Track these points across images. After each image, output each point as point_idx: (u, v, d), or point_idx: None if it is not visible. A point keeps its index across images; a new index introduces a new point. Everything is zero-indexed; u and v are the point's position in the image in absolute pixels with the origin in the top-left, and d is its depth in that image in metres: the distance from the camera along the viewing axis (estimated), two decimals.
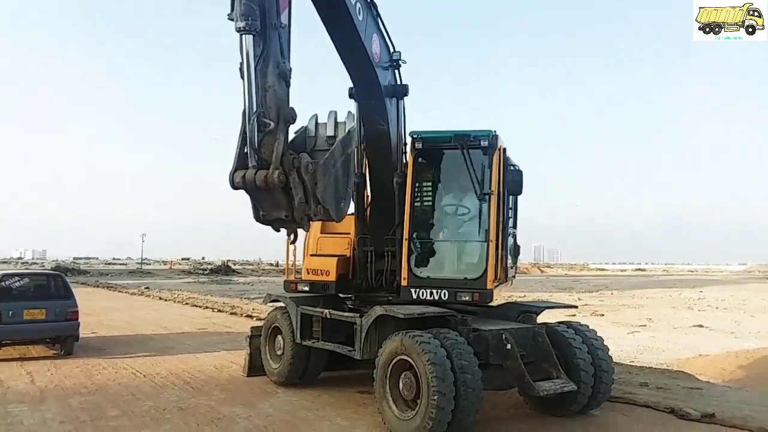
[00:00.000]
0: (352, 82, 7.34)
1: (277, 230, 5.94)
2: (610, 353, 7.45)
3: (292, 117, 5.52)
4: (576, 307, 9.27)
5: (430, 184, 7.87)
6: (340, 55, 6.82)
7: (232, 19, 5.27)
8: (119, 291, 35.18)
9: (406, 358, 6.45)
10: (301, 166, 5.41)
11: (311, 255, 8.60)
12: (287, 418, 7.24)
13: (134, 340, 13.98)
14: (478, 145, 7.13)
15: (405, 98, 7.93)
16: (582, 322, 7.87)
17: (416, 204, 7.63)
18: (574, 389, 6.81)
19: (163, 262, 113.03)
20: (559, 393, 6.83)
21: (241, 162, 5.50)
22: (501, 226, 7.44)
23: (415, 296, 7.23)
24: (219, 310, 21.57)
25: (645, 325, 20.95)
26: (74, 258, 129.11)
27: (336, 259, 8.22)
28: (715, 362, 13.36)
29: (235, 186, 5.51)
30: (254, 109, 5.33)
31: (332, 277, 8.11)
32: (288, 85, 5.57)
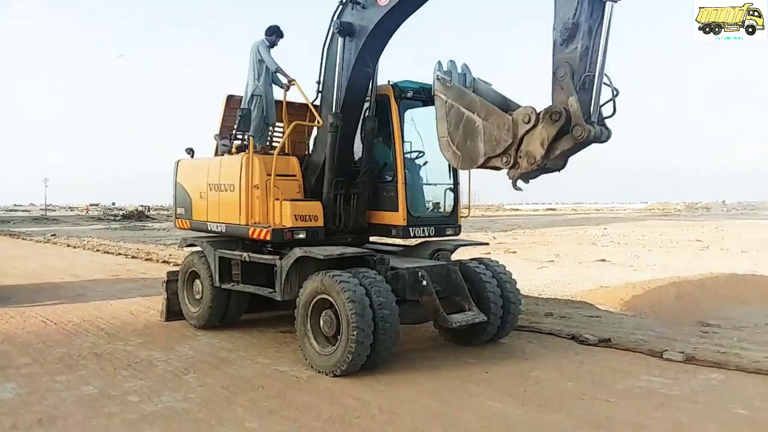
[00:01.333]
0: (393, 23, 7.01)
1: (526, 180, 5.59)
2: (517, 286, 7.90)
3: None
4: (487, 244, 9.71)
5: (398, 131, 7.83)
6: None
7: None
8: (23, 239, 33.19)
9: (326, 296, 6.60)
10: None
11: (292, 200, 7.62)
12: (208, 359, 7.28)
13: (42, 288, 13.37)
14: None
15: None
16: (492, 259, 8.25)
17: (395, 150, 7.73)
18: (484, 320, 7.22)
19: (69, 208, 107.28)
20: (471, 324, 7.24)
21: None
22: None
23: (412, 234, 7.78)
24: (133, 257, 20.87)
25: (553, 261, 22.18)
26: None
27: (319, 203, 7.69)
28: (614, 293, 14.37)
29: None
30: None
31: (321, 223, 7.60)
32: None
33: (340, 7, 7.29)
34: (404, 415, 5.34)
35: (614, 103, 5.14)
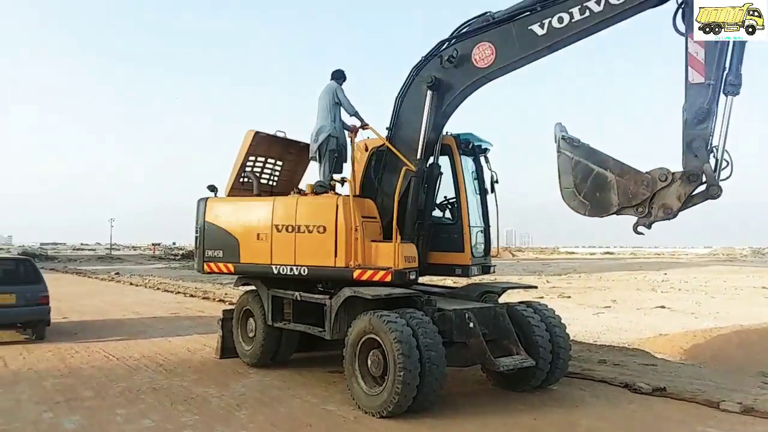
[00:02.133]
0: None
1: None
2: (567, 331, 7.82)
3: None
4: (536, 287, 9.64)
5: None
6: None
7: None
8: (89, 277, 34.79)
9: (374, 336, 6.74)
10: None
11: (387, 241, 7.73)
12: (259, 396, 7.48)
13: (106, 324, 14.01)
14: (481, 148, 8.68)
15: None
16: (541, 302, 8.22)
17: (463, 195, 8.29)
18: (532, 365, 7.17)
19: (133, 247, 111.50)
20: (519, 369, 7.19)
21: None
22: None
23: (474, 273, 8.25)
24: (191, 295, 21.59)
25: (609, 307, 21.60)
26: (41, 243, 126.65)
27: (414, 245, 7.85)
28: (673, 341, 13.91)
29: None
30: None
31: (416, 264, 7.67)
32: None
33: (425, 60, 7.65)
34: None
35: (731, 168, 6.14)
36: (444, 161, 8.29)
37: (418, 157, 7.58)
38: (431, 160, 7.93)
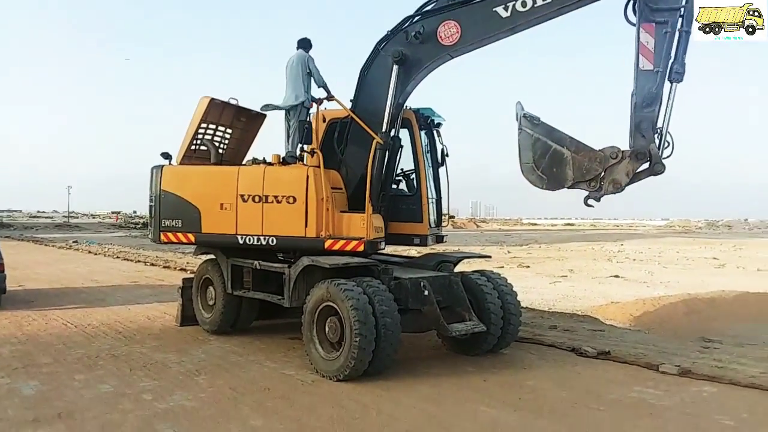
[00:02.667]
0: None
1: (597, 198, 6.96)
2: (520, 299, 8.14)
3: None
4: (489, 257, 9.91)
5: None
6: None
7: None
8: (46, 245, 34.08)
9: (331, 304, 6.92)
10: None
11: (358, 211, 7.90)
12: (219, 362, 7.61)
13: (63, 293, 13.88)
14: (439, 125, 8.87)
15: None
16: (494, 271, 8.50)
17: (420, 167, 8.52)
18: (483, 330, 7.47)
19: (92, 215, 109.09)
20: (472, 334, 7.50)
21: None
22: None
23: (429, 243, 8.55)
24: (152, 264, 21.43)
25: (566, 276, 22.21)
26: None
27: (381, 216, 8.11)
28: (624, 308, 14.39)
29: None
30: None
31: (383, 234, 8.01)
32: None
33: (391, 35, 7.72)
34: (401, 418, 5.61)
35: (672, 148, 6.72)
36: (404, 134, 8.41)
37: (384, 129, 7.69)
38: (392, 132, 8.06)
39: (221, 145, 9.61)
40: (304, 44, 8.58)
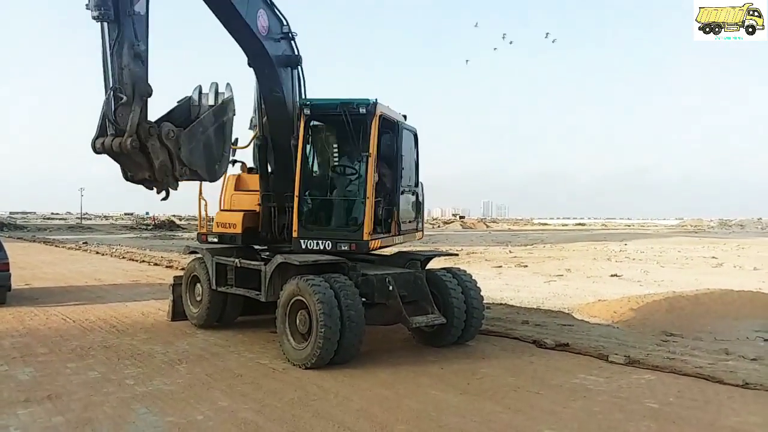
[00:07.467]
0: (244, 53, 8.04)
1: (149, 189, 6.74)
2: (481, 293, 8.67)
3: (147, 92, 6.26)
4: (456, 254, 10.37)
5: (319, 146, 8.92)
6: (227, 30, 7.55)
7: (89, 9, 6.07)
8: (56, 246, 34.98)
9: (301, 298, 7.49)
10: (162, 134, 6.28)
11: (222, 210, 9.50)
12: (200, 353, 8.21)
13: (67, 291, 14.58)
14: (358, 112, 7.90)
15: (300, 67, 8.56)
16: (461, 268, 9.04)
17: (307, 165, 8.58)
18: (443, 322, 8.03)
19: (104, 216, 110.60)
20: (438, 327, 8.07)
21: (102, 130, 6.31)
22: (393, 185, 8.47)
23: (303, 246, 8.14)
24: (156, 264, 22.11)
25: (562, 275, 22.63)
26: (10, 213, 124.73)
27: (242, 213, 9.11)
28: (609, 306, 14.85)
29: (96, 151, 6.32)
30: (110, 84, 6.17)
31: (238, 230, 9.04)
32: (144, 63, 6.28)
33: None
34: (355, 400, 6.17)
35: None
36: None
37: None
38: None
39: None
40: None
